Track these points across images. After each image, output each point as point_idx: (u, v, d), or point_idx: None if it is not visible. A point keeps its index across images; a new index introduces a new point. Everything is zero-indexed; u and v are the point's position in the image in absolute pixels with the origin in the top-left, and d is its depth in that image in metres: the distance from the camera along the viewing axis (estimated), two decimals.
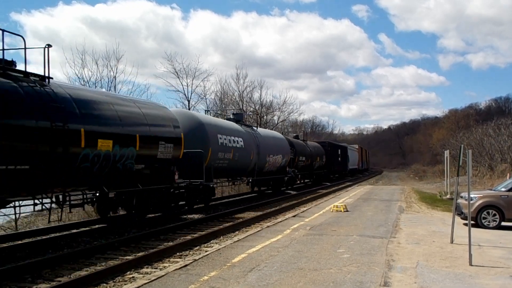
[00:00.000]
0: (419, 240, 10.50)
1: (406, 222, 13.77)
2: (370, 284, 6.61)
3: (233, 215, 16.47)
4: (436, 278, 7.02)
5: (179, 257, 9.33)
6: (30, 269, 7.93)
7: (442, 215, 16.20)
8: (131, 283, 7.04)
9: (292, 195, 25.61)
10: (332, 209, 16.58)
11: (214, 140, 17.82)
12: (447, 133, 69.61)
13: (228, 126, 20.50)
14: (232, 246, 9.55)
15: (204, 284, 6.63)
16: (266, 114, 49.35)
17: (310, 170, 36.27)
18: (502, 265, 8.01)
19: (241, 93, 46.72)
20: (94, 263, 8.77)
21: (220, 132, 18.74)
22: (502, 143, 40.08)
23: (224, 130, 19.39)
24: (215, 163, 17.97)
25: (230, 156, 19.16)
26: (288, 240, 10.34)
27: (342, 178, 47.61)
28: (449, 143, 49.01)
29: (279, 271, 7.37)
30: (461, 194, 14.09)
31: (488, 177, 35.67)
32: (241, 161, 20.44)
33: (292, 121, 58.94)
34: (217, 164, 18.15)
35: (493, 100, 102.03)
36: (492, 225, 12.65)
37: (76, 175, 10.50)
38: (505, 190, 13.03)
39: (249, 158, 21.48)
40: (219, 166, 18.41)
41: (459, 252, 9.05)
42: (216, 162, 18.03)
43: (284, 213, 17.03)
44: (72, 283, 7.05)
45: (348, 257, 8.51)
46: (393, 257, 8.58)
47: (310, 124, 79.36)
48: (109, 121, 11.48)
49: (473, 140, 45.86)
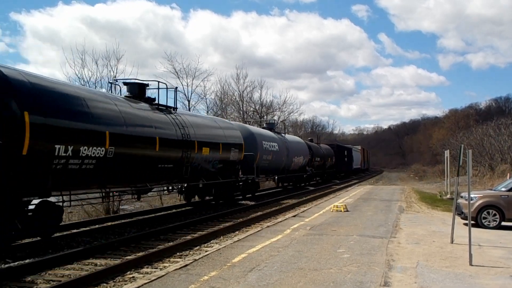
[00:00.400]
0: (419, 240, 10.50)
1: (406, 222, 13.77)
2: (370, 284, 6.61)
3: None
4: (436, 278, 7.02)
5: (179, 257, 9.33)
6: (30, 269, 7.93)
7: (442, 215, 16.20)
8: (131, 283, 7.03)
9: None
10: (332, 209, 16.58)
11: (260, 146, 23.15)
12: (447, 133, 69.59)
13: (268, 134, 25.87)
14: (232, 246, 9.55)
15: (204, 284, 6.63)
16: (266, 114, 49.41)
17: (323, 169, 40.78)
18: (502, 265, 8.01)
19: (241, 93, 46.80)
20: (94, 263, 8.77)
21: (264, 139, 24.16)
22: (502, 143, 40.07)
23: (266, 138, 24.78)
24: (260, 163, 23.10)
25: (270, 157, 24.44)
26: (288, 240, 10.33)
27: (347, 176, 51.71)
28: (449, 143, 48.98)
29: (279, 271, 7.37)
30: (461, 194, 14.09)
31: (488, 177, 35.70)
32: (276, 161, 25.71)
33: (292, 121, 59.07)
34: (261, 164, 23.38)
35: (493, 100, 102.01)
36: (492, 225, 12.65)
37: (191, 171, 15.52)
38: (505, 190, 13.03)
39: (282, 159, 26.70)
40: (262, 165, 23.60)
41: (459, 252, 9.05)
42: (261, 162, 23.19)
43: (284, 213, 17.03)
44: (72, 283, 7.04)
45: (348, 257, 8.51)
46: (393, 257, 8.58)
47: (310, 124, 79.37)
48: (208, 135, 17.07)
49: (473, 140, 45.86)
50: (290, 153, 28.11)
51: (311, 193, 27.07)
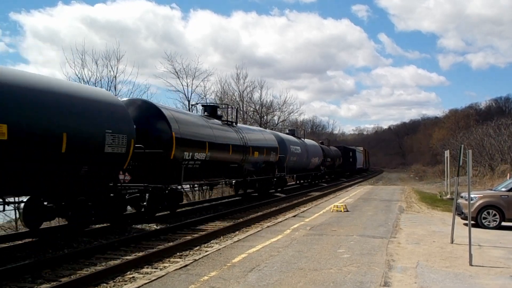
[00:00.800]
0: (419, 240, 10.50)
1: (406, 222, 13.76)
2: (370, 284, 6.61)
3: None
4: (436, 278, 7.02)
5: (179, 257, 9.33)
6: (30, 269, 7.93)
7: (442, 215, 16.20)
8: (131, 283, 7.03)
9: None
10: (332, 209, 16.57)
11: (289, 149, 28.12)
12: (447, 133, 69.53)
13: (293, 140, 30.92)
14: (232, 246, 9.55)
15: (204, 284, 6.63)
16: (267, 114, 49.38)
17: (333, 169, 46.12)
18: (502, 265, 8.01)
19: (241, 93, 46.78)
20: (94, 263, 8.76)
21: (291, 144, 29.20)
22: (502, 143, 40.05)
23: (292, 142, 29.88)
24: (288, 163, 28.01)
25: (295, 159, 29.47)
26: (288, 240, 10.33)
27: (352, 175, 56.66)
28: (449, 143, 48.96)
29: (279, 271, 7.37)
30: (461, 194, 14.09)
31: (488, 177, 35.70)
32: (299, 162, 30.90)
33: (292, 121, 59.05)
34: (289, 164, 28.27)
35: (493, 100, 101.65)
36: (492, 225, 12.65)
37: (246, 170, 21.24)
38: (505, 190, 13.03)
39: (303, 160, 31.91)
40: (289, 165, 28.48)
41: (459, 252, 9.05)
42: (289, 163, 28.06)
43: (284, 213, 17.03)
44: (72, 283, 7.04)
45: (348, 257, 8.51)
46: (393, 257, 8.58)
47: (310, 124, 79.52)
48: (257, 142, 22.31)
49: (473, 140, 45.83)
50: (309, 155, 33.28)
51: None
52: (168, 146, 14.20)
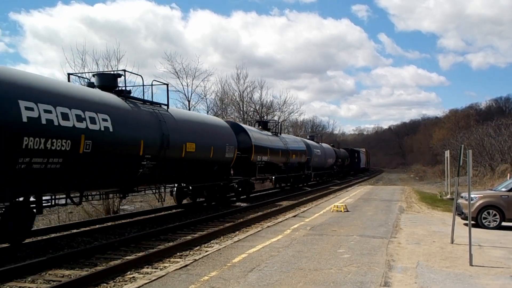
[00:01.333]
0: (419, 240, 10.50)
1: (407, 222, 13.77)
2: (371, 284, 6.61)
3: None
4: (437, 278, 7.03)
5: (179, 257, 9.33)
6: (30, 269, 7.93)
7: (443, 215, 16.20)
8: (132, 283, 7.04)
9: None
10: (332, 209, 16.58)
11: (313, 152, 35.28)
12: (447, 133, 69.45)
13: (315, 144, 38.53)
14: (232, 246, 9.56)
15: (204, 284, 6.63)
16: (267, 114, 49.37)
17: (342, 168, 53.28)
18: (502, 265, 8.01)
19: (241, 93, 46.81)
20: (94, 263, 8.77)
21: (314, 148, 36.41)
22: (503, 143, 40.01)
23: (314, 146, 37.13)
24: (312, 163, 34.89)
25: (317, 160, 36.70)
26: (288, 240, 10.34)
27: (356, 174, 63.37)
28: (450, 143, 48.92)
29: (279, 271, 7.37)
30: (462, 194, 14.09)
31: (489, 177, 35.72)
32: (320, 162, 38.43)
33: (292, 121, 59.11)
34: (312, 164, 35.19)
35: (493, 100, 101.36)
36: (493, 225, 12.65)
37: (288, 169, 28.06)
38: (506, 190, 13.02)
39: (322, 160, 39.32)
40: (313, 165, 35.32)
41: (459, 252, 9.05)
42: (312, 163, 35.05)
43: (285, 213, 17.04)
44: (72, 283, 7.04)
45: (348, 257, 8.51)
46: (394, 257, 8.58)
47: (310, 124, 79.16)
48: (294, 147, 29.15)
49: (474, 140, 45.78)
50: (326, 156, 40.95)
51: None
52: (249, 152, 21.38)
